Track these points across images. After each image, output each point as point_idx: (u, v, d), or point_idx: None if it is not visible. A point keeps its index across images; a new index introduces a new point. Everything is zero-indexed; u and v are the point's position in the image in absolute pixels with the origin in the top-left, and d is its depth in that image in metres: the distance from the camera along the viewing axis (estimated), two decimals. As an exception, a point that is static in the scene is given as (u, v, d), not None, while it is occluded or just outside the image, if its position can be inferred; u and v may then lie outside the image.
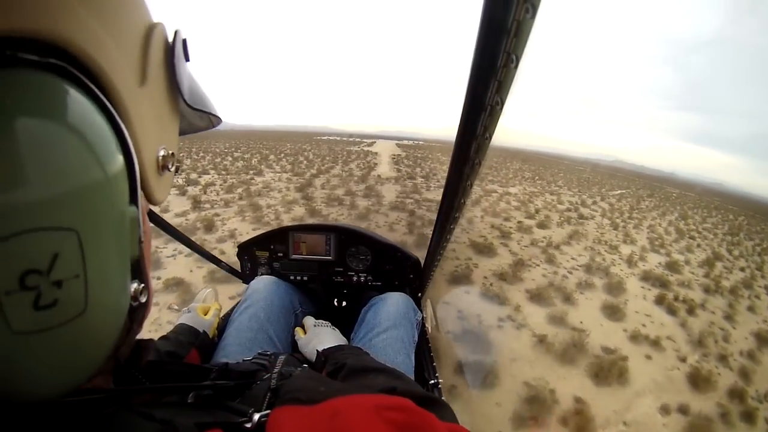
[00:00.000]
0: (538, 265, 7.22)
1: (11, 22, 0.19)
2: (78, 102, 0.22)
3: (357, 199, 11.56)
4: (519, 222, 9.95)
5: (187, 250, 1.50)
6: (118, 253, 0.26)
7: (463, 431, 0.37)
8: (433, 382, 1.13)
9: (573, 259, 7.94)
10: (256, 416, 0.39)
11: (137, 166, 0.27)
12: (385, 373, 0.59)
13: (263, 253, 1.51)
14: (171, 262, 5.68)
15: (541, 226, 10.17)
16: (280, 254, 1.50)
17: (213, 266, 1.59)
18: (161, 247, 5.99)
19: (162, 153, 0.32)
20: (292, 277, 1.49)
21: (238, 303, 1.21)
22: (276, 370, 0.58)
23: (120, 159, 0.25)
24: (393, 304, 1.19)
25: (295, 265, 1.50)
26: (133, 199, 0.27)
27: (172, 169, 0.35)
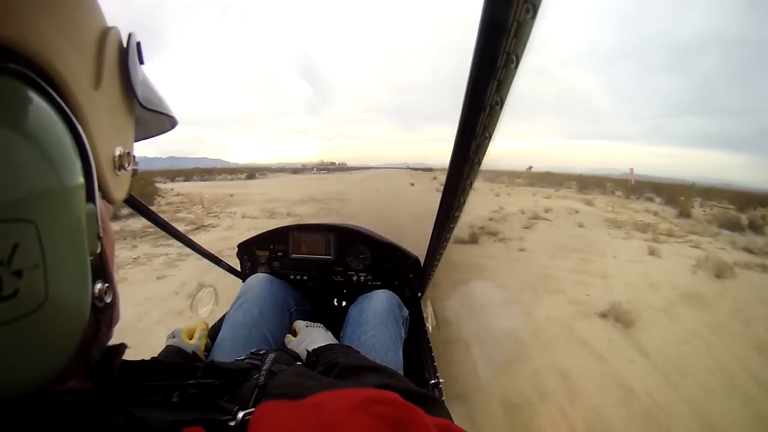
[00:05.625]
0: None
1: None
2: (36, 104, 0.23)
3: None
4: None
5: None
6: (77, 244, 0.27)
7: (451, 426, 0.36)
8: (433, 382, 1.13)
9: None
10: (241, 414, 0.38)
11: (93, 164, 0.28)
12: (378, 371, 0.59)
13: (263, 252, 1.52)
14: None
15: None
16: (280, 253, 1.51)
17: None
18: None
19: (118, 153, 0.33)
20: (291, 277, 1.49)
21: (234, 302, 1.21)
22: (265, 368, 0.57)
23: (76, 158, 0.26)
24: (379, 301, 1.20)
25: (295, 265, 1.50)
26: (91, 196, 0.28)
27: (129, 168, 0.36)
